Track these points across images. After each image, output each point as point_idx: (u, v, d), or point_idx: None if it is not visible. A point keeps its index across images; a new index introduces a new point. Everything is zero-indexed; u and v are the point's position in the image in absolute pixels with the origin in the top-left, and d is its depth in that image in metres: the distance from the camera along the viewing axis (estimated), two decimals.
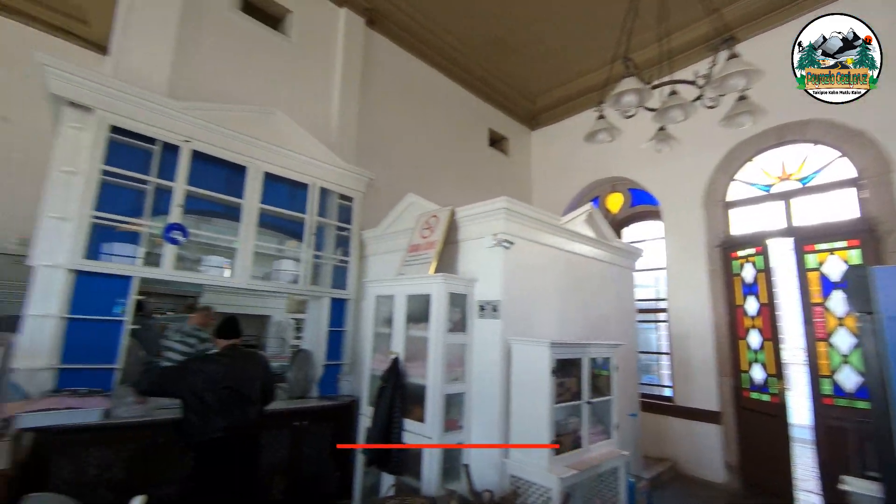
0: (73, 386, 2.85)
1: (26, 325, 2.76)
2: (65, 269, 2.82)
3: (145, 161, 3.18)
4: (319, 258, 4.18)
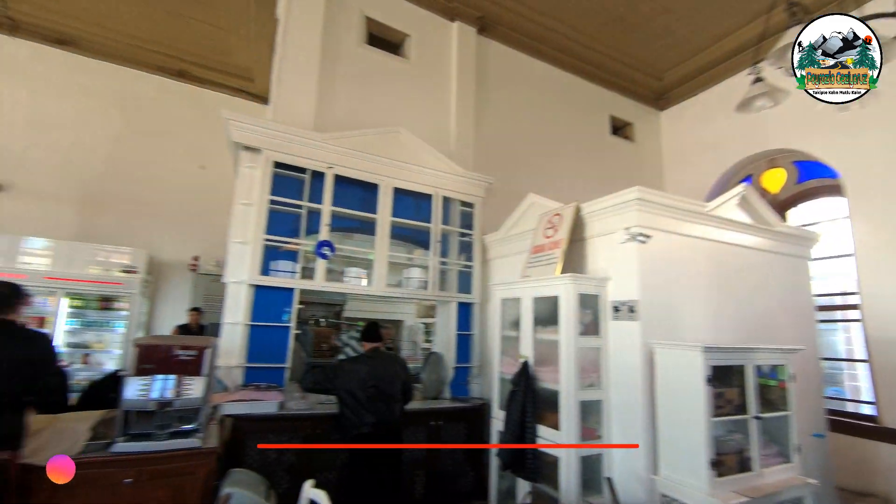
0: (256, 381, 3.43)
1: (224, 331, 3.41)
2: (247, 284, 3.42)
3: (299, 188, 3.71)
4: (445, 264, 4.36)
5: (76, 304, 5.46)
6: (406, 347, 6.91)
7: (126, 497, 2.31)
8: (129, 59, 6.19)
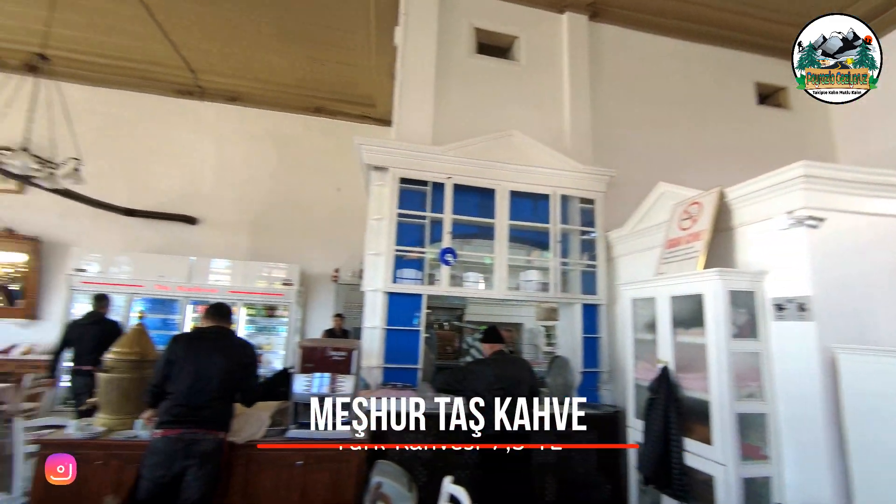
0: (392, 381, 3.72)
1: (364, 335, 3.79)
2: (382, 292, 3.76)
3: (422, 200, 3.96)
4: (567, 265, 4.22)
5: (251, 313, 6.60)
6: (527, 351, 6.84)
7: (298, 476, 2.71)
8: (280, 105, 7.34)
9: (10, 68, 6.24)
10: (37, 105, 4.40)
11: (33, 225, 6.40)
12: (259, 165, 7.34)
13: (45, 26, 4.31)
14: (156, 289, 6.12)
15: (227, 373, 2.56)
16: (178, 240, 6.86)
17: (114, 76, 6.69)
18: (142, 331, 2.87)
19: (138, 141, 6.90)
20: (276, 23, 5.49)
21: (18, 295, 6.41)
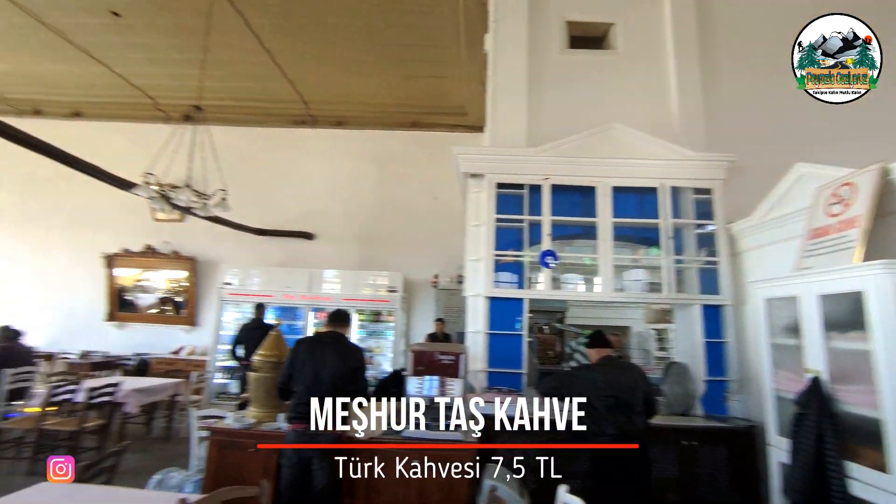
0: (497, 385, 3.74)
1: (467, 339, 3.88)
2: (483, 297, 3.82)
3: (519, 204, 3.95)
4: (681, 262, 3.87)
5: (361, 318, 7.15)
6: (636, 356, 6.38)
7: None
8: (379, 123, 7.88)
9: (173, 120, 7.71)
10: (193, 148, 5.35)
11: (191, 247, 7.71)
12: (363, 181, 7.95)
13: (199, 82, 5.28)
14: (283, 298, 6.94)
15: (339, 374, 2.81)
16: (299, 254, 7.71)
17: (246, 116, 7.78)
18: (279, 336, 3.28)
19: (265, 169, 7.93)
20: (374, 50, 5.93)
21: (182, 305, 7.75)
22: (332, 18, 5.37)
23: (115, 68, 6.60)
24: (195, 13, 5.15)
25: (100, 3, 5.21)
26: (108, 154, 6.69)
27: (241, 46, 5.86)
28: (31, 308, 7.48)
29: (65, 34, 5.80)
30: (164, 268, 7.71)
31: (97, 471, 2.28)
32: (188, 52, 6.00)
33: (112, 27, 5.64)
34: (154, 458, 4.73)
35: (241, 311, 7.09)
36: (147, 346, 7.55)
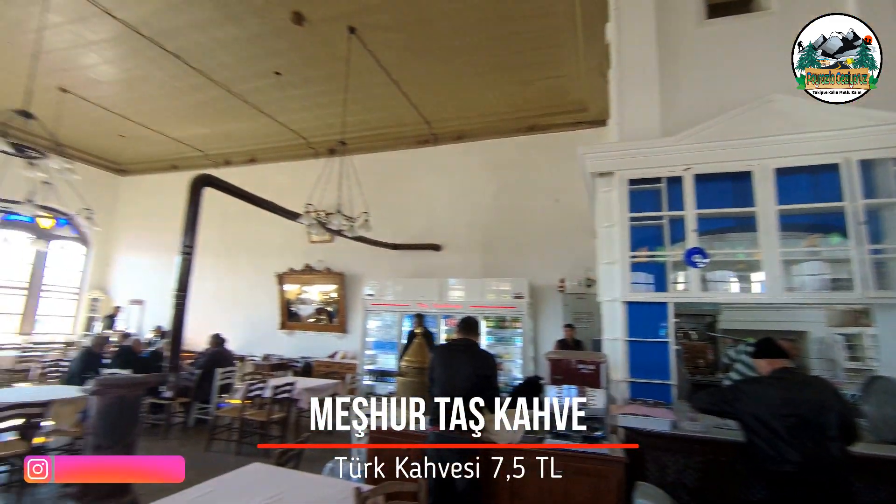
0: (641, 397, 3.45)
1: (604, 347, 3.67)
2: (619, 301, 3.58)
3: (655, 199, 3.62)
4: (881, 252, 3.11)
5: (489, 325, 7.28)
6: (817, 367, 5.28)
7: (558, 486, 2.80)
8: (497, 132, 8.01)
9: (320, 155, 9.01)
10: (341, 177, 6.16)
11: (339, 263, 8.79)
12: (484, 191, 8.14)
13: (342, 119, 6.12)
14: (417, 306, 7.44)
15: (470, 380, 2.90)
16: (429, 264, 8.21)
17: (379, 142, 8.62)
18: (422, 343, 3.54)
19: (396, 189, 8.65)
20: (489, 62, 6.08)
21: (334, 315, 8.86)
22: (448, 41, 5.67)
23: (278, 118, 7.95)
24: (336, 60, 5.92)
25: (267, 67, 6.35)
26: (275, 190, 8.06)
27: (373, 82, 6.54)
28: (226, 319, 9.32)
29: (244, 97, 7.20)
30: (319, 283, 8.92)
31: (288, 457, 2.75)
32: (331, 95, 6.93)
33: (275, 85, 6.82)
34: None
35: (382, 319, 7.81)
36: (309, 350, 8.80)
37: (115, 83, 7.04)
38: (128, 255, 11.21)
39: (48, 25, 5.27)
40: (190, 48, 5.96)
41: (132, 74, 6.79)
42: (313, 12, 5.17)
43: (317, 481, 2.46)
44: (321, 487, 2.37)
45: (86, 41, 5.89)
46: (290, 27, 5.35)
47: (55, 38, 5.65)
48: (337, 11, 5.15)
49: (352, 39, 5.49)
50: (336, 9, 5.11)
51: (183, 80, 6.79)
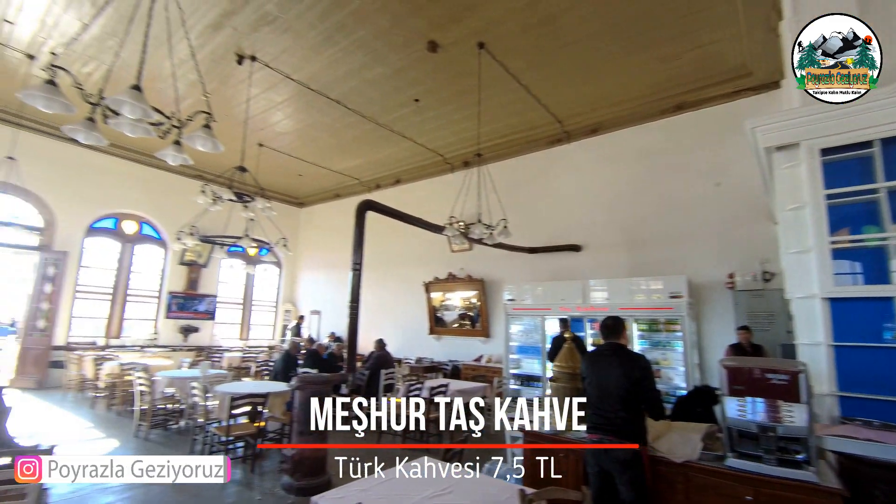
0: (856, 415, 2.79)
1: (800, 354, 3.05)
2: (818, 298, 2.95)
3: (862, 170, 2.91)
4: None
5: (642, 328, 6.67)
6: None
7: None
8: (637, 118, 7.38)
9: (455, 168, 9.57)
10: (478, 187, 6.46)
11: (479, 270, 9.10)
12: (624, 183, 7.55)
13: (477, 132, 6.42)
14: (559, 310, 7.25)
15: (623, 386, 2.71)
16: (568, 266, 7.93)
17: (512, 149, 8.73)
18: (572, 348, 3.45)
19: (531, 192, 8.61)
20: (620, 46, 5.67)
21: (476, 320, 9.18)
22: (574, 34, 5.47)
23: (418, 140, 8.68)
24: (468, 77, 6.24)
25: (407, 96, 7.01)
26: (417, 206, 8.78)
27: (503, 90, 6.68)
28: (382, 325, 10.41)
29: (390, 126, 8.08)
30: (461, 289, 9.37)
31: (452, 454, 2.96)
32: (464, 111, 7.32)
33: (415, 111, 7.49)
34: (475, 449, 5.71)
35: (524, 323, 7.81)
36: (456, 353, 9.27)
37: (292, 133, 8.60)
38: (307, 273, 13.44)
39: (251, 97, 6.76)
40: (346, 92, 6.95)
41: (305, 124, 8.21)
42: (445, 38, 5.54)
43: (480, 480, 2.59)
44: (484, 486, 2.49)
45: (274, 103, 7.35)
46: (425, 56, 5.84)
47: (255, 106, 7.21)
48: (466, 31, 5.43)
49: (482, 54, 5.71)
50: (466, 28, 5.39)
51: (342, 121, 7.94)
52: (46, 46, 6.15)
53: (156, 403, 5.82)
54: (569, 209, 8.17)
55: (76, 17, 5.49)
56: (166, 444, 5.49)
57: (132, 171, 10.12)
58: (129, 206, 10.28)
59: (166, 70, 5.99)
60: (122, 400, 6.88)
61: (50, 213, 9.09)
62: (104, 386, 7.35)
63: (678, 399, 4.08)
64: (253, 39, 5.73)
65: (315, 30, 5.49)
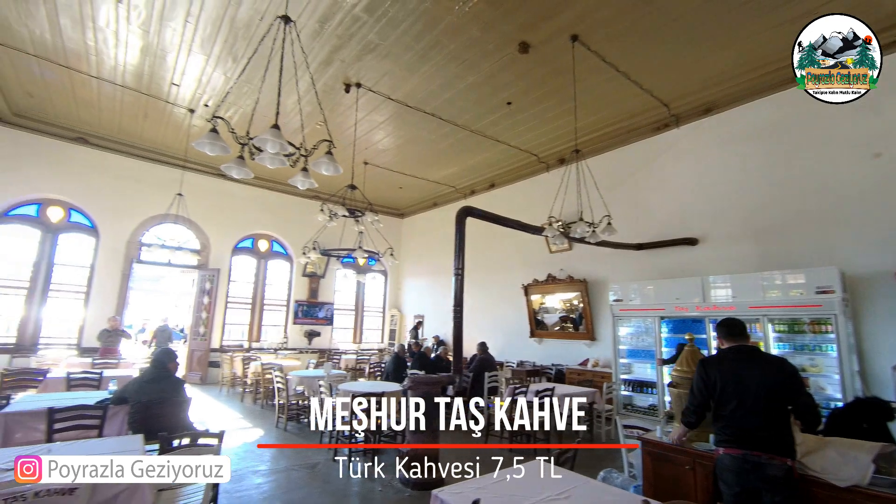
0: None
1: None
2: None
3: None
4: None
5: (780, 329, 5.82)
6: None
7: None
8: (758, 92, 6.46)
9: (550, 167, 9.41)
10: (577, 184, 6.27)
11: (580, 270, 8.77)
12: (747, 166, 6.66)
13: (572, 128, 6.19)
14: (675, 310, 6.65)
15: (768, 392, 2.40)
16: (683, 262, 7.24)
17: (611, 141, 8.27)
18: (694, 350, 3.18)
19: (635, 184, 8.06)
20: (727, 15, 5.08)
21: (579, 322, 8.83)
22: (675, 10, 5.03)
23: (512, 143, 8.70)
24: (561, 74, 6.12)
25: (499, 100, 7.08)
26: (512, 208, 8.76)
27: (600, 81, 6.40)
28: (481, 329, 10.52)
29: (483, 132, 8.23)
30: (561, 291, 9.10)
31: (564, 459, 2.91)
32: (558, 108, 7.18)
33: (507, 114, 7.53)
34: (581, 456, 5.50)
35: (633, 325, 7.32)
36: (559, 357, 9.01)
37: (393, 149, 9.21)
38: (410, 280, 14.18)
39: (358, 120, 7.43)
40: (441, 105, 7.26)
41: (403, 139, 8.74)
42: (536, 37, 5.50)
43: (597, 486, 2.52)
44: (602, 493, 2.42)
45: (376, 123, 7.97)
46: (517, 58, 5.85)
47: (360, 128, 7.89)
48: (558, 26, 5.32)
49: (575, 47, 5.55)
50: (557, 24, 5.29)
51: (437, 132, 8.29)
52: (202, 100, 7.46)
53: (290, 399, 6.63)
54: (681, 199, 7.47)
55: (222, 72, 6.58)
56: (300, 434, 6.22)
57: (263, 197, 11.76)
58: (262, 227, 11.91)
59: (288, 107, 6.87)
60: (265, 395, 7.97)
61: (205, 237, 10.94)
62: (251, 382, 8.58)
63: (833, 412, 3.50)
64: (357, 68, 6.29)
65: (411, 51, 5.84)
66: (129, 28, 5.67)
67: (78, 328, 9.22)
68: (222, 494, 3.76)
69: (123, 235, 9.82)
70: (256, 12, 5.23)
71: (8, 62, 6.67)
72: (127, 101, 7.67)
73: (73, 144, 9.20)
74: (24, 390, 5.55)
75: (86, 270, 9.50)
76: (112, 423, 3.86)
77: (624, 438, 4.03)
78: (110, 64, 6.54)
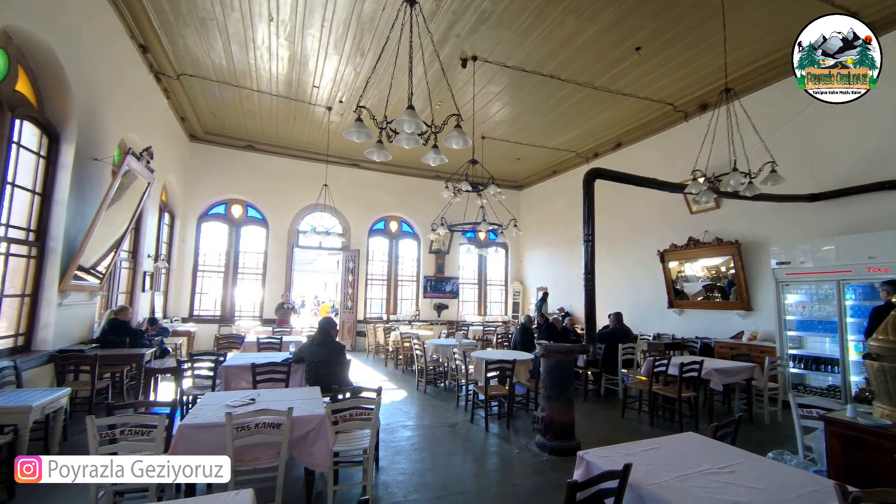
0: None
1: None
2: None
3: None
4: None
5: None
6: None
7: None
8: None
9: (690, 115, 8.33)
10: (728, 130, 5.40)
11: (730, 231, 7.64)
12: None
13: (721, 65, 5.29)
14: (867, 272, 5.41)
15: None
16: (875, 213, 5.78)
17: (772, 72, 6.83)
18: None
19: (806, 122, 6.61)
20: None
21: (728, 290, 7.75)
22: None
23: (641, 94, 7.83)
24: (701, 3, 5.35)
25: (625, 49, 6.44)
26: (643, 168, 7.96)
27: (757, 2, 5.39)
28: (611, 299, 9.91)
29: (607, 87, 7.58)
30: (706, 256, 8.07)
31: (723, 434, 2.66)
32: (698, 46, 6.28)
33: (635, 63, 6.80)
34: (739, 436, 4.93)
35: (804, 292, 6.17)
36: (704, 329, 8.06)
37: (509, 119, 9.07)
38: (531, 252, 14.02)
39: (476, 94, 7.50)
40: (559, 65, 6.88)
41: (520, 108, 8.53)
42: None
43: (769, 464, 2.25)
44: (775, 471, 2.16)
45: (492, 95, 7.92)
46: None
47: (478, 103, 7.94)
48: None
49: None
50: None
51: (555, 96, 7.91)
52: (336, 97, 8.30)
53: (428, 365, 7.21)
54: (877, 134, 5.92)
55: (353, 68, 7.21)
56: (437, 397, 6.75)
57: (392, 182, 12.77)
58: (392, 209, 12.94)
59: (412, 90, 7.23)
60: (405, 361, 8.81)
61: (346, 222, 12.33)
62: (391, 350, 9.56)
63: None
64: (472, 41, 6.30)
65: (525, 12, 5.62)
66: (278, 42, 6.54)
67: (259, 303, 11.32)
68: (381, 443, 4.33)
69: (285, 224, 11.64)
70: (379, 4, 5.56)
71: (199, 90, 8.27)
72: (280, 108, 8.92)
73: (244, 152, 11.11)
74: (231, 351, 7.04)
75: (261, 256, 11.55)
76: (294, 377, 4.70)
77: (800, 419, 3.50)
78: (266, 77, 7.65)
